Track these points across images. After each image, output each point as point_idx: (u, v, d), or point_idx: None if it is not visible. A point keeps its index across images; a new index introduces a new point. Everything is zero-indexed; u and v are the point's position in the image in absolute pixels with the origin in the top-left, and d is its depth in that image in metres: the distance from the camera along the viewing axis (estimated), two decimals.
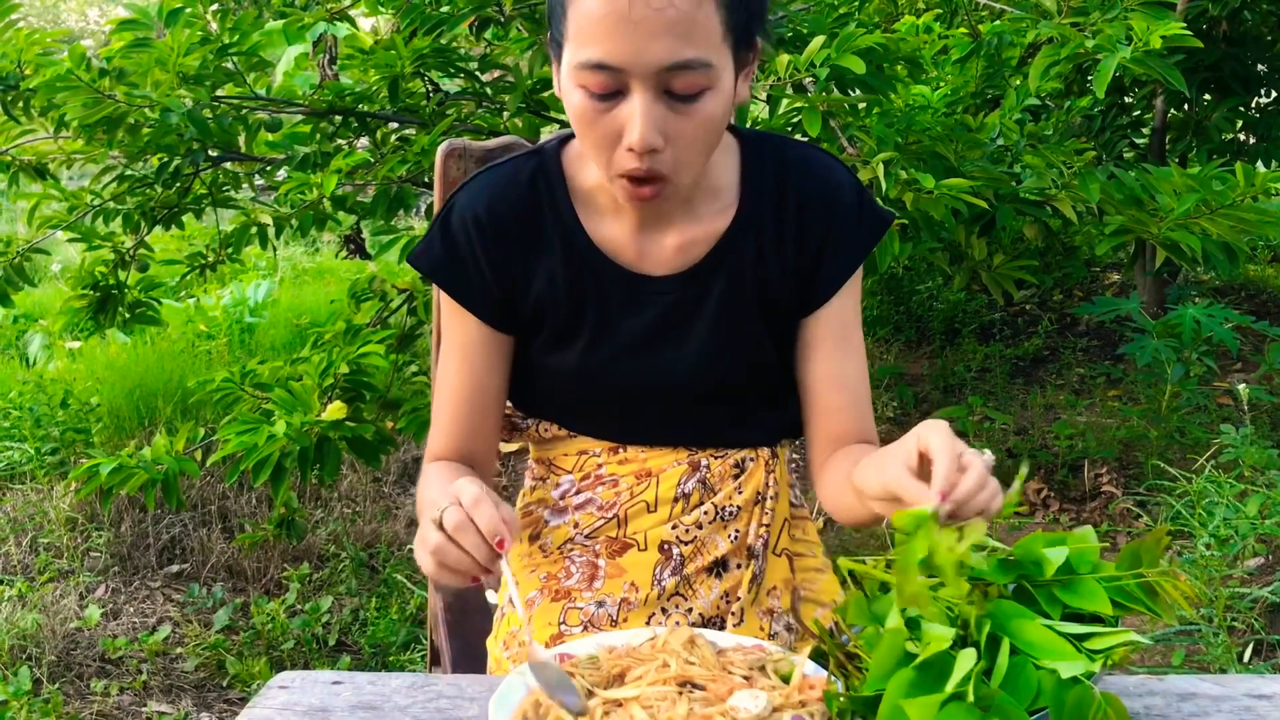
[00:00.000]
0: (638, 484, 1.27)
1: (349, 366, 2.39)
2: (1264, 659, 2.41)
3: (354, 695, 1.04)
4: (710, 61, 1.05)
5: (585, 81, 1.06)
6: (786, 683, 0.96)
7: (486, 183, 1.23)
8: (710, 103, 1.07)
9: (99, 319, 3.19)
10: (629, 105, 1.06)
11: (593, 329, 1.23)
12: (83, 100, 2.49)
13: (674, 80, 1.04)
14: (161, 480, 2.40)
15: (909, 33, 3.22)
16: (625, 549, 1.27)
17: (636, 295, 1.22)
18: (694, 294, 1.22)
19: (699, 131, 1.08)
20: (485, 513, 0.97)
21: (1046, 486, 3.53)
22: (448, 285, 1.24)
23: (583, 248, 1.22)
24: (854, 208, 1.24)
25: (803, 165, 1.24)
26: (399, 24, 2.80)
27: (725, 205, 1.23)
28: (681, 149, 1.09)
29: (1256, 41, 4.56)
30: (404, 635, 2.68)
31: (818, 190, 1.23)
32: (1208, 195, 2.23)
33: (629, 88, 1.05)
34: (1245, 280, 5.71)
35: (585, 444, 1.30)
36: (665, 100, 1.06)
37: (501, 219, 1.21)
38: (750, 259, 1.22)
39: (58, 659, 2.59)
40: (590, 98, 1.07)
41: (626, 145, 1.07)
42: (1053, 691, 0.83)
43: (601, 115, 1.07)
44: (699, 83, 1.05)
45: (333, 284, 5.84)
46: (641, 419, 1.27)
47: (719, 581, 1.26)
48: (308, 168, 2.88)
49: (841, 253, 1.24)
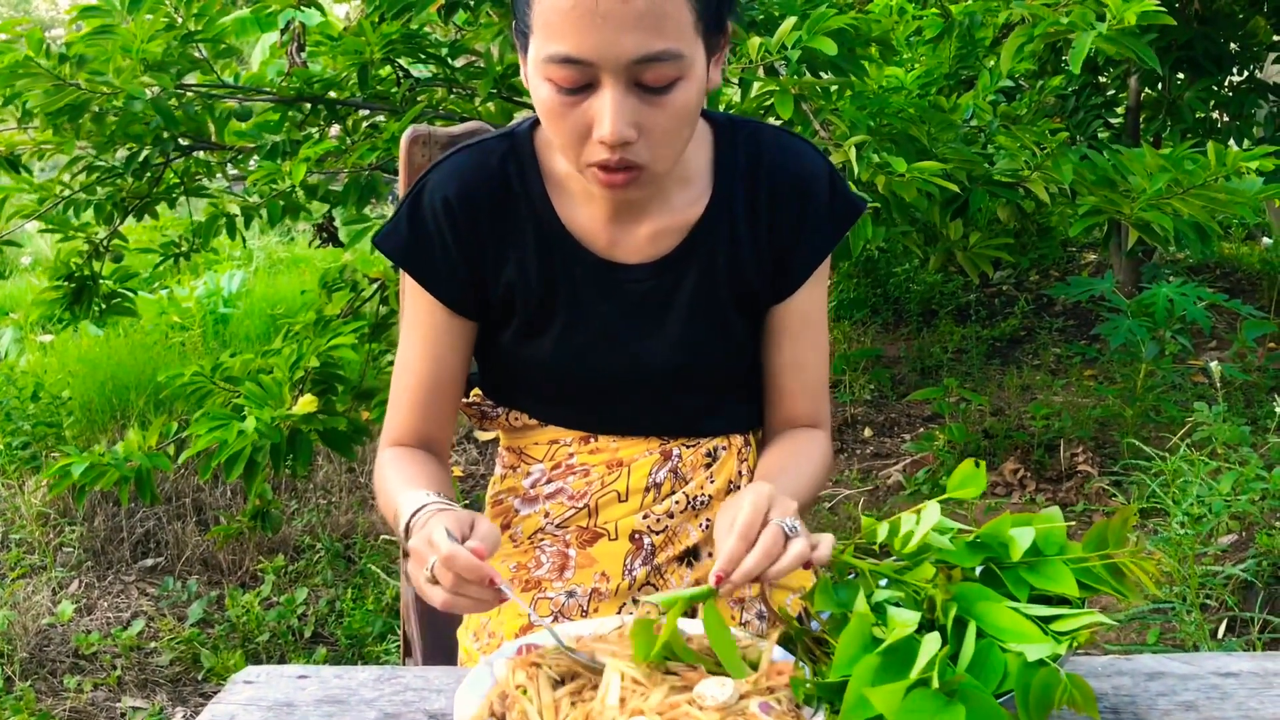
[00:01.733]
0: (609, 473, 1.26)
1: (319, 359, 2.37)
2: (1237, 635, 2.42)
3: (320, 689, 1.03)
4: (681, 52, 1.03)
5: (553, 75, 1.04)
6: (755, 669, 0.95)
7: (458, 165, 1.21)
8: (682, 92, 1.05)
9: (74, 310, 3.16)
10: (599, 99, 1.04)
11: (564, 317, 1.22)
12: (43, 88, 2.45)
13: (645, 73, 1.03)
14: (134, 476, 2.38)
15: (882, 13, 3.21)
16: (596, 539, 1.26)
17: (609, 283, 1.21)
18: (667, 283, 1.21)
19: (672, 122, 1.07)
20: (465, 565, 0.95)
21: (1023, 467, 3.54)
22: (413, 268, 1.22)
23: (555, 234, 1.20)
24: (826, 195, 1.23)
25: (775, 152, 1.23)
26: (366, 9, 2.77)
27: (698, 193, 1.21)
28: (655, 140, 1.07)
29: (1228, 20, 4.57)
30: (380, 626, 2.67)
31: (790, 177, 1.22)
32: (1179, 175, 2.23)
33: (599, 81, 1.03)
34: (1219, 259, 5.74)
35: (556, 433, 1.29)
36: (636, 92, 1.04)
37: (473, 202, 1.19)
38: (724, 247, 1.21)
39: (30, 656, 2.57)
40: (559, 92, 1.05)
41: (598, 138, 1.05)
42: (1019, 674, 0.83)
43: (571, 109, 1.05)
44: (670, 74, 1.03)
45: (307, 273, 5.79)
46: (613, 408, 1.27)
47: (690, 571, 1.26)
48: (277, 156, 2.85)
49: (812, 240, 1.23)
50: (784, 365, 1.27)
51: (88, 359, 4.04)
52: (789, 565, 0.94)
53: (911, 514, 0.95)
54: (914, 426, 4.06)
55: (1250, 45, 4.66)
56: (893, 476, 3.63)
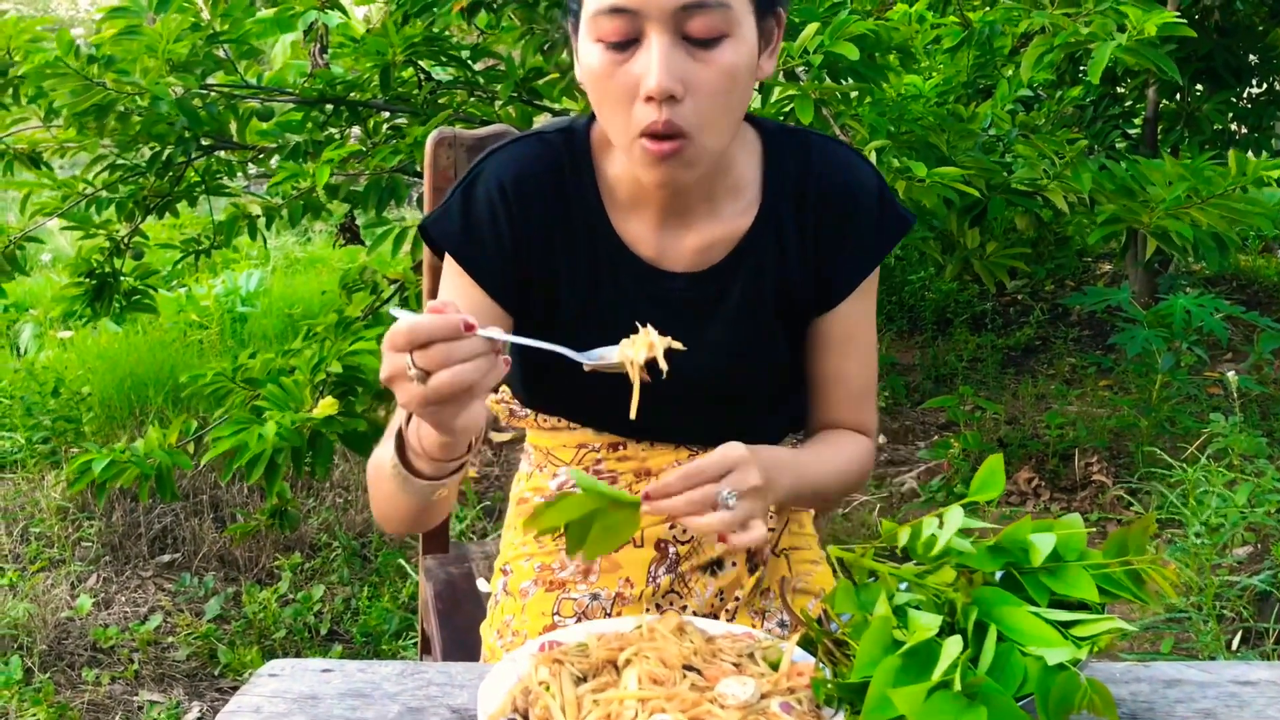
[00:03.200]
0: (636, 482, 1.26)
1: (341, 364, 2.38)
2: (1252, 646, 2.42)
3: (344, 683, 1.04)
4: (728, 2, 1.03)
5: (602, 32, 1.04)
6: (775, 670, 0.96)
7: (516, 153, 1.19)
8: (730, 51, 1.04)
9: (95, 307, 3.19)
10: (646, 53, 1.03)
11: (604, 321, 1.19)
12: (71, 88, 2.47)
13: (690, 22, 1.02)
14: (154, 474, 2.40)
15: (901, 21, 3.22)
16: (621, 545, 1.26)
17: (654, 290, 1.20)
18: (712, 292, 1.20)
19: (720, 81, 1.05)
20: (431, 323, 0.84)
21: (1038, 476, 3.54)
22: (462, 255, 1.19)
23: (604, 235, 1.19)
24: (875, 208, 1.21)
25: (824, 163, 1.21)
26: (390, 10, 2.79)
27: (747, 204, 1.20)
28: (702, 100, 1.05)
29: (1248, 32, 4.56)
30: (396, 623, 2.68)
31: (838, 189, 1.20)
32: (1198, 184, 2.23)
33: (645, 33, 1.03)
34: (1236, 271, 5.72)
35: (585, 437, 1.28)
36: (684, 46, 1.03)
37: (528, 191, 1.17)
38: (771, 259, 1.20)
39: (49, 648, 2.59)
40: (607, 49, 1.04)
41: (645, 94, 1.03)
42: (1039, 678, 0.84)
43: (619, 68, 1.04)
44: (717, 26, 1.03)
45: (325, 273, 5.82)
46: (648, 416, 1.25)
47: (714, 580, 1.26)
48: (299, 157, 2.87)
49: (860, 253, 1.22)
50: (827, 376, 1.26)
51: (107, 355, 4.07)
52: (702, 527, 1.00)
53: (933, 517, 0.96)
54: (928, 434, 4.06)
55: (1270, 57, 4.66)
56: (907, 484, 3.63)
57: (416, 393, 0.86)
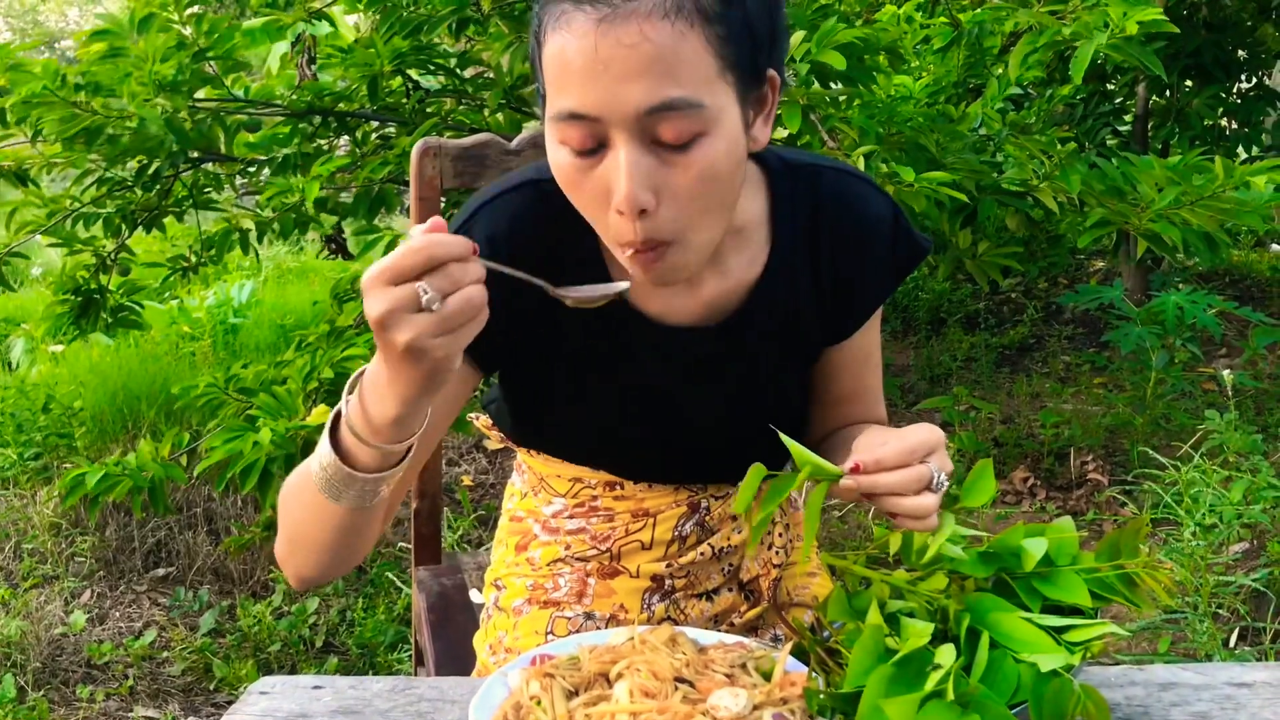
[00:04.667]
0: (633, 522, 1.23)
1: (333, 371, 2.38)
2: (1249, 644, 2.42)
3: (335, 700, 1.04)
4: (700, 102, 0.91)
5: (565, 137, 0.94)
6: (768, 680, 0.96)
7: (509, 205, 1.09)
8: (707, 150, 0.93)
9: (81, 323, 3.18)
10: (613, 160, 0.93)
11: (607, 376, 1.14)
12: (59, 115, 2.46)
13: (659, 126, 0.91)
14: (148, 487, 2.39)
15: (890, 22, 3.22)
16: (616, 574, 1.25)
17: (661, 347, 1.13)
18: (723, 346, 1.14)
19: (697, 185, 0.94)
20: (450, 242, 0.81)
21: (1033, 475, 3.54)
22: None
23: None
24: (889, 239, 1.15)
25: (837, 197, 1.13)
26: (377, 24, 2.79)
27: (755, 251, 1.12)
28: (680, 206, 0.95)
29: (1236, 27, 4.57)
30: (391, 635, 2.67)
31: (852, 226, 1.13)
32: (1187, 187, 2.23)
33: (610, 140, 0.93)
34: (1229, 266, 5.73)
35: (581, 472, 1.23)
36: (654, 151, 0.93)
37: (521, 248, 1.06)
38: (783, 304, 1.14)
39: (43, 665, 2.58)
40: (573, 155, 0.95)
41: (615, 206, 0.94)
42: (1032, 685, 0.83)
43: (586, 175, 0.95)
44: (690, 128, 0.91)
45: (317, 283, 5.81)
46: (646, 462, 1.22)
47: (710, 605, 1.25)
48: (288, 169, 2.86)
49: (876, 285, 1.17)
50: (841, 395, 1.24)
51: (99, 369, 4.06)
52: (911, 508, 0.91)
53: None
54: None
55: (1259, 52, 4.67)
56: None
57: (428, 322, 0.81)
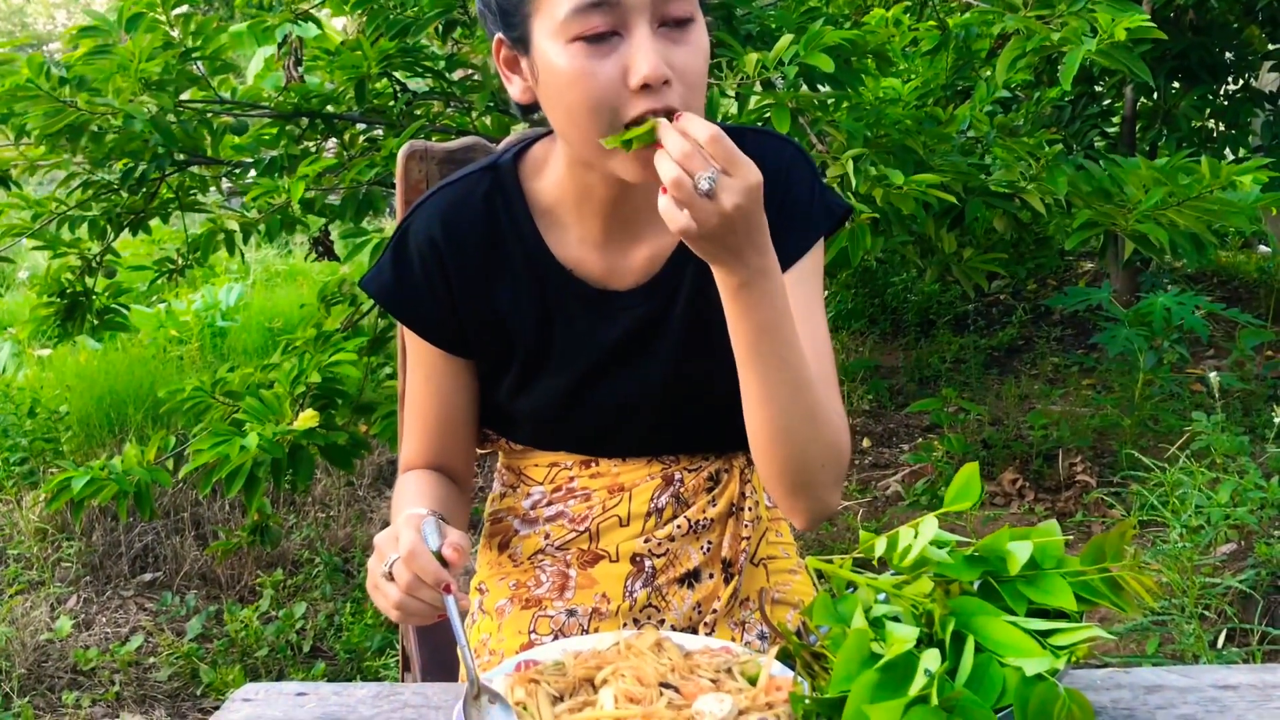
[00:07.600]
0: (610, 498, 1.25)
1: (320, 375, 2.37)
2: (1237, 645, 2.42)
3: (319, 707, 1.03)
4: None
5: (581, 29, 1.01)
6: (754, 685, 0.95)
7: (441, 203, 1.18)
8: (699, 32, 1.05)
9: (67, 326, 3.16)
10: (630, 43, 1.02)
11: (562, 349, 1.19)
12: (43, 109, 2.45)
13: (669, 5, 1.02)
14: (134, 491, 2.38)
15: (878, 25, 3.22)
16: (596, 560, 1.25)
17: (604, 313, 1.19)
18: (661, 303, 1.19)
19: (699, 61, 1.05)
20: (425, 566, 0.98)
21: (1022, 477, 3.54)
22: (401, 313, 1.21)
23: (546, 267, 1.18)
24: (806, 191, 1.19)
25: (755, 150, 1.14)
26: (364, 26, 2.78)
27: None
28: (688, 83, 1.04)
29: (1223, 29, 4.59)
30: (379, 640, 2.66)
31: (770, 177, 1.14)
32: (1174, 188, 2.24)
33: (626, 25, 1.02)
34: (1216, 267, 5.75)
35: (556, 456, 1.27)
36: (662, 33, 1.03)
37: (459, 240, 1.16)
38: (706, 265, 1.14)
39: (28, 672, 2.57)
40: (587, 45, 1.02)
41: (637, 83, 1.01)
42: (1017, 689, 0.83)
43: (600, 63, 1.02)
44: (689, 7, 1.04)
45: (305, 286, 5.80)
46: (615, 433, 1.24)
47: (691, 592, 1.25)
48: (275, 171, 2.85)
49: (791, 234, 1.17)
50: None
51: (85, 373, 4.04)
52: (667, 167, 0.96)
53: (909, 528, 0.95)
54: (912, 437, 4.06)
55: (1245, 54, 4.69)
56: (891, 487, 3.62)
57: (377, 583, 1.02)
